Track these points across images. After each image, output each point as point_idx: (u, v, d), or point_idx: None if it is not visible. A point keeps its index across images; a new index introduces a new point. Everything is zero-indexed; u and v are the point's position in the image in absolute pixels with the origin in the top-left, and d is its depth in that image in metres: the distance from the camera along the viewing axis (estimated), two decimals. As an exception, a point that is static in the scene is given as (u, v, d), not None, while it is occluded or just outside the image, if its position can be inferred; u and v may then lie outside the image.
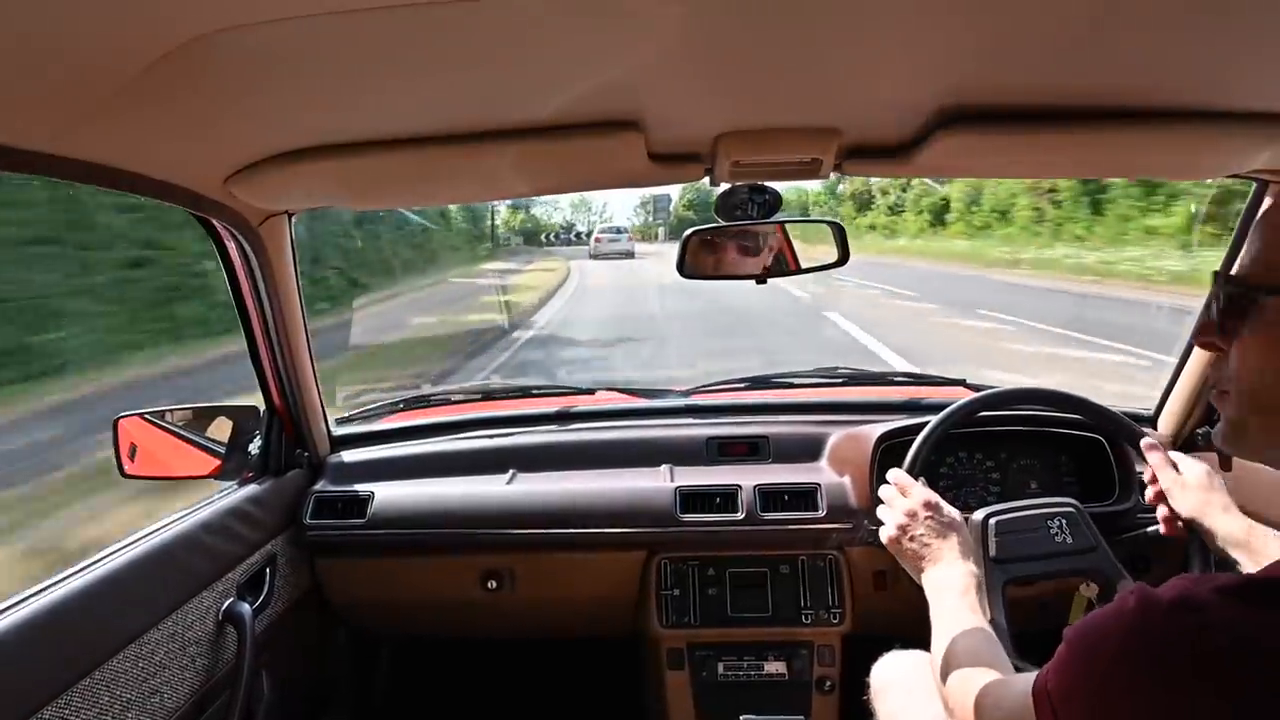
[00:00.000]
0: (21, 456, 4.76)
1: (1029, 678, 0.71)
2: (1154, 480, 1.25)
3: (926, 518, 1.17)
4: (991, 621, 1.18)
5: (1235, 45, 0.84)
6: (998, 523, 1.27)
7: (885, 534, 1.21)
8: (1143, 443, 1.30)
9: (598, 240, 27.98)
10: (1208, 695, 0.56)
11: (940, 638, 1.00)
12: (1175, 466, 1.26)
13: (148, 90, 0.76)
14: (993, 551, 1.24)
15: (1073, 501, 1.32)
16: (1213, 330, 0.73)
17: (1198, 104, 1.02)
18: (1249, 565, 1.13)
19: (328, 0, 0.64)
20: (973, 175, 1.53)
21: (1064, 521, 1.28)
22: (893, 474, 1.28)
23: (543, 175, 1.31)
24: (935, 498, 1.20)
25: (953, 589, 1.07)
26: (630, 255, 26.78)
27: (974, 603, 1.04)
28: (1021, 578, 1.24)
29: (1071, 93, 1.00)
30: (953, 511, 1.19)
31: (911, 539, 1.17)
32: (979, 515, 1.29)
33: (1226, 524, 1.17)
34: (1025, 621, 1.20)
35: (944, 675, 0.94)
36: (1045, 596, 1.30)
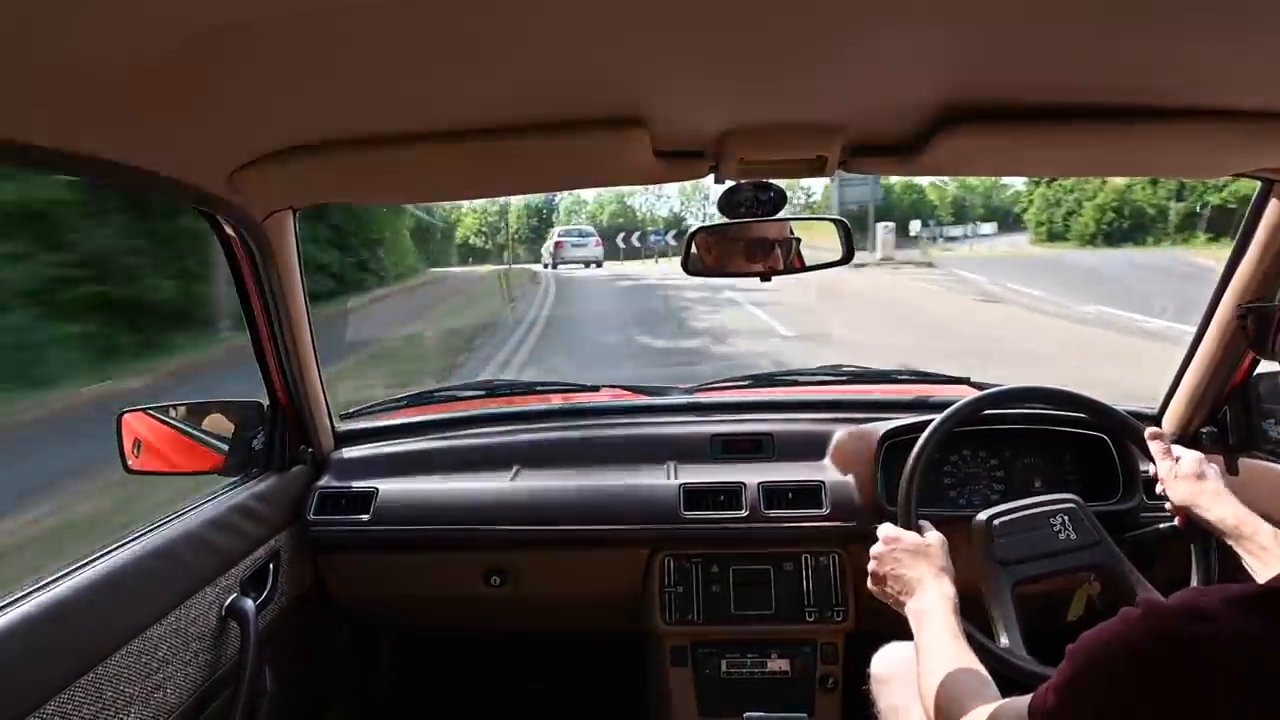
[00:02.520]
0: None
1: (1022, 701, 0.71)
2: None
3: (889, 553, 1.17)
4: (1001, 625, 1.18)
5: (1241, 43, 0.84)
6: (1001, 524, 1.27)
7: (869, 586, 1.21)
8: (1147, 432, 1.30)
9: (559, 245, 22.34)
10: (1219, 704, 0.55)
11: (924, 672, 0.99)
12: (1175, 457, 1.26)
13: (152, 86, 0.76)
14: (999, 554, 1.24)
15: (1073, 497, 1.32)
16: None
17: (1203, 102, 1.02)
18: (1241, 554, 1.14)
19: None
20: (978, 174, 1.54)
21: (1066, 518, 1.29)
22: (878, 528, 1.26)
23: (548, 172, 1.31)
24: (896, 531, 1.20)
25: (929, 619, 1.06)
26: (599, 264, 21.84)
27: (953, 628, 1.04)
28: (1028, 578, 1.24)
29: (1077, 91, 1.00)
30: (920, 536, 1.19)
31: (884, 579, 1.17)
32: (983, 516, 1.29)
33: (1217, 512, 1.17)
34: (1029, 619, 1.20)
35: (932, 711, 0.94)
36: (1049, 592, 1.29)
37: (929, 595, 1.09)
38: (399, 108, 0.99)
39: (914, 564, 1.14)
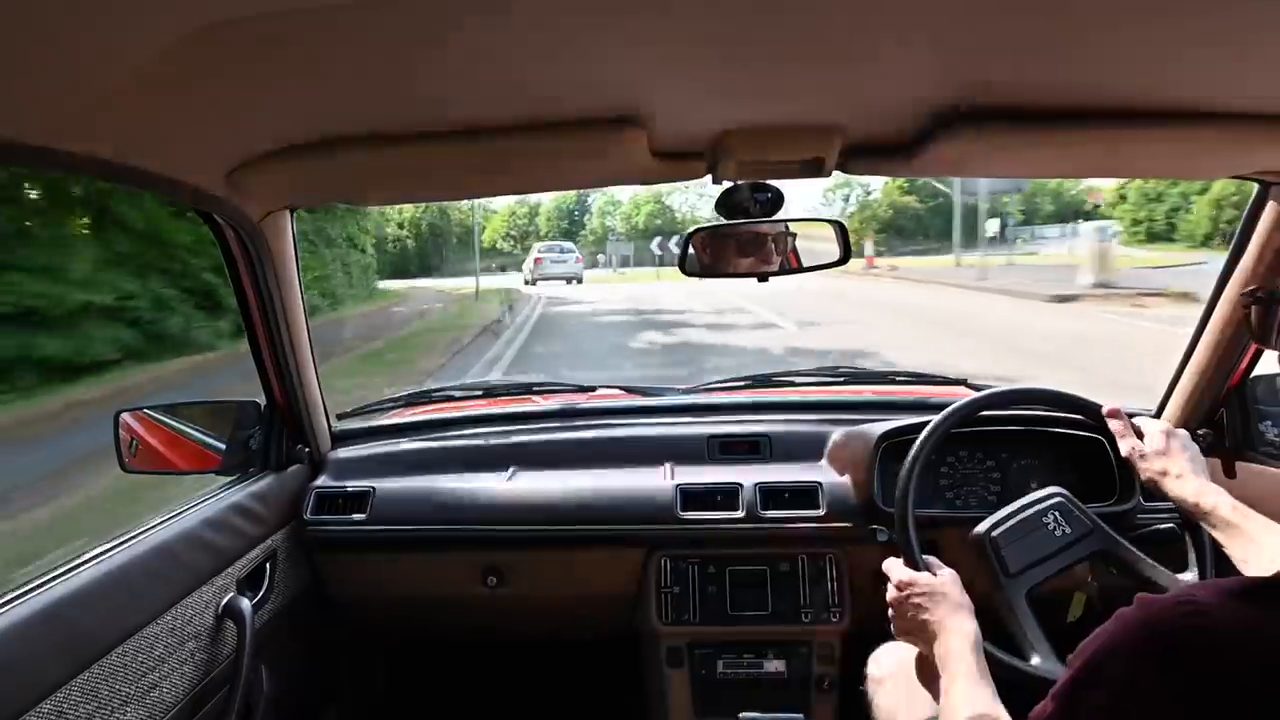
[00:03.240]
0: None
1: None
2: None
3: (906, 599, 1.15)
4: (1030, 642, 1.16)
5: (1240, 45, 0.84)
6: (1000, 535, 1.25)
7: (893, 629, 1.19)
8: (1105, 409, 1.30)
9: (538, 261, 22.11)
10: (1219, 698, 0.56)
11: (943, 713, 0.98)
12: (1140, 434, 1.26)
13: (149, 84, 0.76)
14: (1008, 567, 1.23)
15: (1059, 490, 1.31)
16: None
17: (1202, 104, 1.02)
18: (1213, 533, 1.13)
19: None
20: (976, 175, 1.54)
21: (1057, 513, 1.28)
22: (885, 565, 1.23)
23: (545, 172, 1.31)
24: (909, 574, 1.17)
25: (951, 662, 1.04)
26: (579, 280, 21.08)
27: (974, 672, 1.01)
28: (1038, 583, 1.23)
29: (1075, 93, 1.00)
30: (931, 576, 1.16)
31: (907, 629, 1.15)
32: (982, 529, 1.27)
33: (1178, 490, 1.17)
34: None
35: None
36: (1050, 593, 1.29)
37: (950, 639, 1.07)
38: (396, 107, 0.99)
39: (933, 608, 1.11)
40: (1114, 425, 1.27)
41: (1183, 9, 0.75)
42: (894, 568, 1.20)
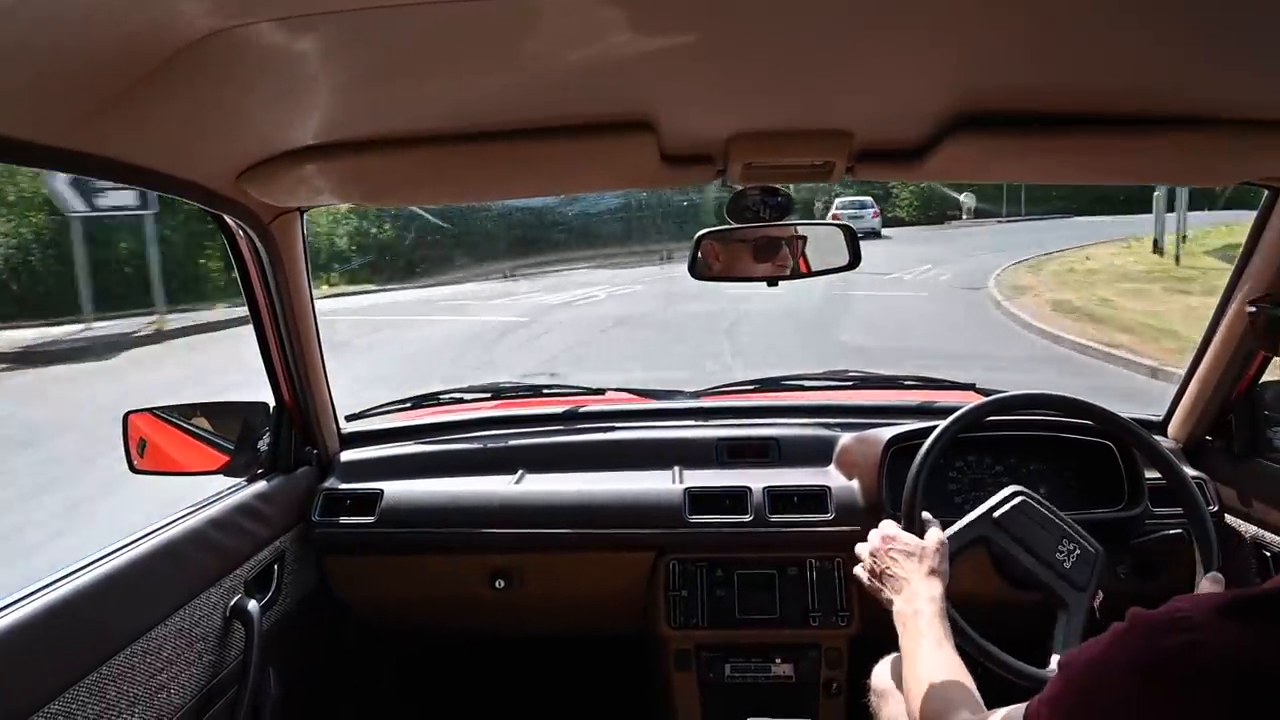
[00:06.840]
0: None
1: (1018, 710, 0.71)
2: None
3: (885, 551, 1.17)
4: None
5: (1248, 52, 0.84)
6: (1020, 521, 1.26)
7: (860, 576, 1.21)
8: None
9: (835, 218, 17.76)
10: (1205, 713, 0.55)
11: (908, 675, 0.99)
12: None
13: (162, 86, 0.77)
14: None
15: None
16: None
17: (1211, 110, 1.02)
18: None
19: None
20: (984, 179, 1.54)
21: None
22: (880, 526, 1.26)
23: (554, 175, 1.31)
24: (894, 530, 1.20)
25: (913, 620, 1.05)
26: (876, 234, 18.26)
27: (938, 634, 1.02)
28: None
29: (1084, 98, 1.00)
30: (918, 538, 1.17)
31: (876, 575, 1.17)
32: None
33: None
34: (1029, 629, 1.19)
35: (916, 714, 0.94)
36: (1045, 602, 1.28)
37: (915, 599, 1.08)
38: (406, 110, 0.99)
39: (906, 564, 1.14)
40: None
41: (1192, 17, 0.75)
42: (885, 524, 1.23)
